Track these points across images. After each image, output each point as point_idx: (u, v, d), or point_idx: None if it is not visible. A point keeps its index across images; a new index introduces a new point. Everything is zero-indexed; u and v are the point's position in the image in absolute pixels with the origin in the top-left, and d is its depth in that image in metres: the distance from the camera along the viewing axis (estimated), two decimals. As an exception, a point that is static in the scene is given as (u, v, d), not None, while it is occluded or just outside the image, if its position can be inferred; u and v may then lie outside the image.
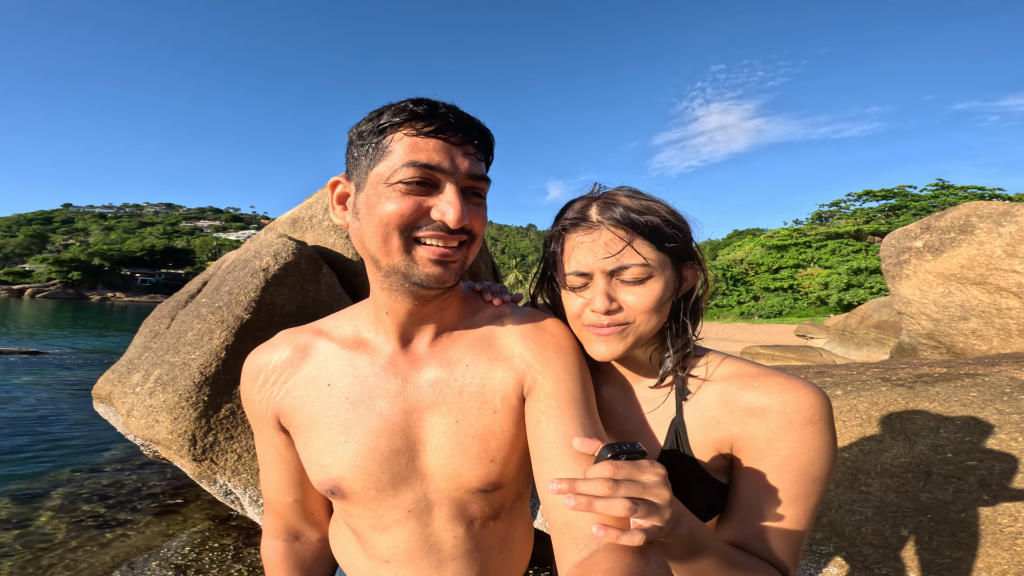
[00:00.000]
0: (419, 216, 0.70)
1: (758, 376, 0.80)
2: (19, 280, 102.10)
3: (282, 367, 0.84)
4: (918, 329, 4.19)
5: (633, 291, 0.79)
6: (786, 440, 0.74)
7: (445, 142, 0.70)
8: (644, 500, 0.57)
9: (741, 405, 0.79)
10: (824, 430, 0.75)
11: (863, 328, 12.03)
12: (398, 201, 0.69)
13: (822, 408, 0.75)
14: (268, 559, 0.96)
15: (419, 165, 0.69)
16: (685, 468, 0.83)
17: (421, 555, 0.80)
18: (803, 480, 0.74)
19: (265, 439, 0.88)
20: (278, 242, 2.80)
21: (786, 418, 0.74)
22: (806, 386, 0.76)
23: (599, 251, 0.79)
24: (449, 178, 0.71)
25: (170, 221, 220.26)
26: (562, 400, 0.76)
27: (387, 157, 0.70)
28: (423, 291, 0.74)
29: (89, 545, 3.09)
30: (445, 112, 0.70)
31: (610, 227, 0.78)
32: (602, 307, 0.79)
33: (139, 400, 2.52)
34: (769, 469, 0.76)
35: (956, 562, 1.55)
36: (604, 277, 0.80)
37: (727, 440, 0.80)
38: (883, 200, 60.70)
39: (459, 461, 0.77)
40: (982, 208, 3.93)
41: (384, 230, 0.70)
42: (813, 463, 0.74)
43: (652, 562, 0.58)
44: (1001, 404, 1.90)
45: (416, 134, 0.69)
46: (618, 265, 0.78)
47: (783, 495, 0.75)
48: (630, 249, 0.78)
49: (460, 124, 0.71)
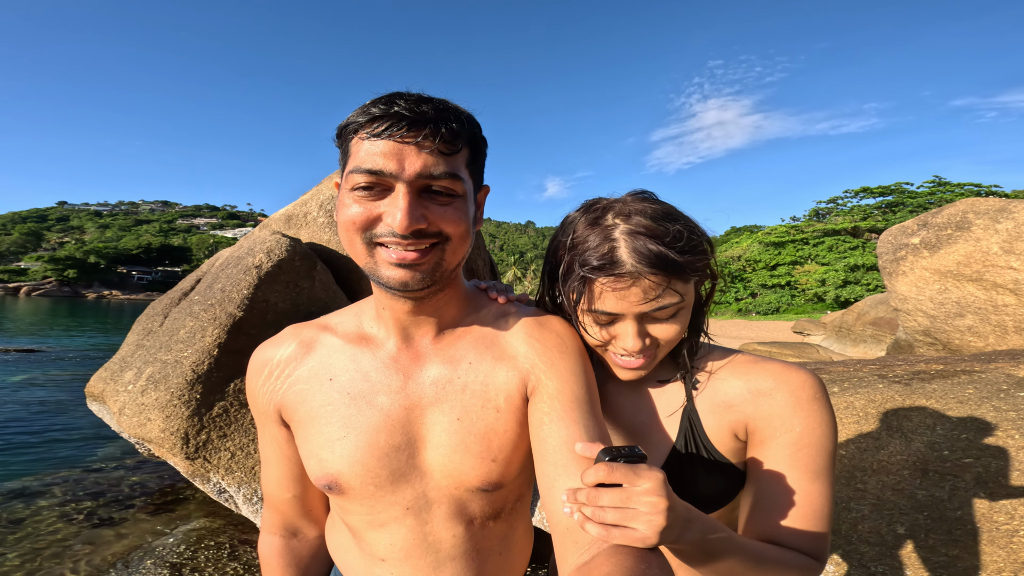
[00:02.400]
0: (372, 222, 0.69)
1: (759, 362, 0.84)
2: (15, 278, 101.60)
3: (286, 361, 0.84)
4: (914, 326, 4.19)
5: (664, 327, 0.79)
6: (798, 415, 0.77)
7: (398, 142, 0.67)
8: (630, 508, 0.56)
9: (749, 388, 0.81)
10: (827, 406, 0.79)
11: (860, 325, 12.07)
12: (352, 207, 0.69)
13: (820, 386, 0.80)
14: (264, 555, 0.95)
15: (364, 171, 0.67)
16: (702, 454, 0.85)
17: (419, 554, 0.79)
18: (822, 454, 0.76)
19: (267, 434, 0.88)
20: (271, 239, 2.77)
21: (794, 395, 0.77)
22: (801, 368, 0.81)
23: (633, 298, 0.75)
24: (397, 181, 0.67)
25: (166, 219, 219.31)
26: (566, 402, 0.75)
27: (349, 161, 0.70)
28: (396, 293, 0.73)
29: (84, 543, 3.07)
30: (398, 111, 0.66)
31: (648, 274, 0.73)
32: (636, 347, 0.79)
33: (131, 398, 2.50)
34: (787, 446, 0.77)
35: (952, 559, 1.54)
36: (635, 320, 0.78)
37: (741, 423, 0.82)
38: (880, 197, 60.84)
39: (460, 459, 0.77)
40: (979, 205, 3.93)
41: (347, 234, 0.71)
42: (827, 436, 0.77)
43: (653, 565, 0.57)
44: (998, 401, 1.89)
45: (367, 137, 0.68)
46: (653, 308, 0.76)
47: (807, 471, 0.76)
48: (669, 291, 0.75)
49: (415, 120, 0.66)
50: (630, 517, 0.56)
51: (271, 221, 3.42)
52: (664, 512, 0.56)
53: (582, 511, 0.59)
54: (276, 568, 0.94)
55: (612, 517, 0.57)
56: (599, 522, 0.57)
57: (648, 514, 0.56)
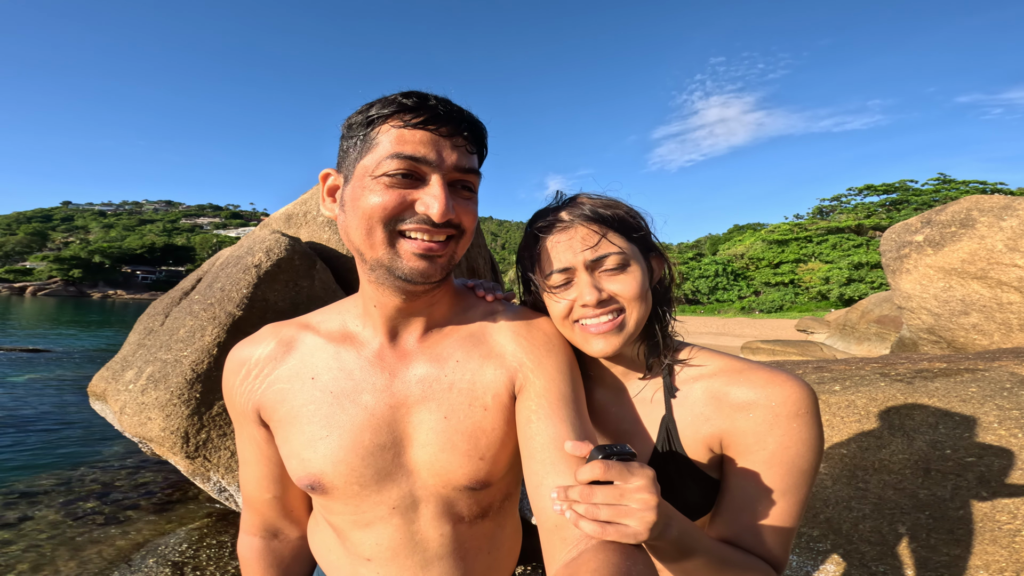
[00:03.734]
0: (403, 209, 0.69)
1: (743, 371, 0.81)
2: (20, 278, 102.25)
3: (265, 360, 0.83)
4: (919, 324, 4.16)
5: (617, 279, 0.81)
6: (773, 434, 0.75)
7: (433, 134, 0.69)
8: (624, 505, 0.58)
9: (728, 401, 0.79)
10: (810, 423, 0.76)
11: (864, 323, 12.01)
12: (382, 194, 0.69)
13: (807, 401, 0.76)
14: (244, 556, 0.94)
15: (404, 157, 0.68)
16: (678, 466, 0.84)
17: (405, 553, 0.79)
18: (792, 473, 0.75)
19: (245, 434, 0.87)
20: (271, 238, 2.78)
21: (772, 412, 0.75)
22: (790, 379, 0.77)
23: (577, 245, 0.81)
24: (435, 171, 0.70)
25: (170, 218, 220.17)
26: (553, 400, 0.75)
27: (373, 149, 0.69)
28: (408, 285, 0.73)
29: (87, 541, 3.09)
30: (435, 104, 0.70)
31: (583, 223, 0.82)
32: (592, 299, 0.80)
33: (132, 397, 2.50)
34: (758, 463, 0.77)
35: (954, 559, 1.53)
36: (586, 271, 0.81)
37: (716, 436, 0.81)
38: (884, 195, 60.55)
39: (447, 458, 0.76)
40: (983, 202, 3.90)
41: (368, 223, 0.70)
42: (801, 456, 0.75)
43: (639, 562, 0.58)
44: (1001, 400, 1.87)
45: (403, 126, 0.69)
46: (597, 255, 0.80)
47: (773, 489, 0.76)
48: (606, 240, 0.81)
49: (449, 116, 0.70)
50: (623, 514, 0.58)
51: (271, 220, 3.43)
52: (655, 508, 0.58)
53: (574, 508, 0.60)
54: (257, 569, 0.93)
55: (606, 514, 0.58)
56: (592, 519, 0.58)
57: (640, 510, 0.58)
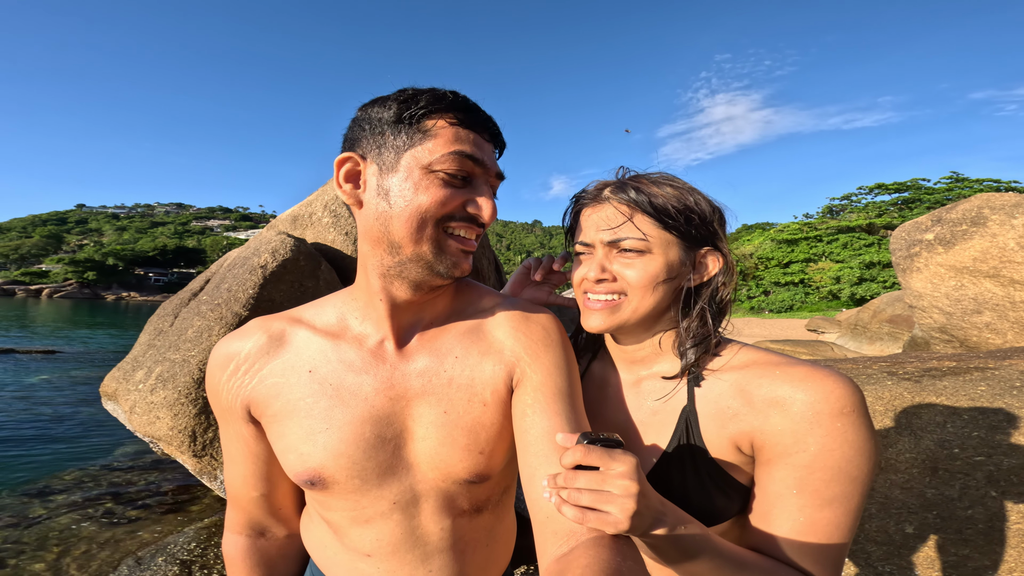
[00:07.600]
0: (458, 207, 0.72)
1: (780, 364, 0.74)
2: (36, 280, 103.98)
3: (255, 355, 0.80)
4: (930, 323, 4.11)
5: (629, 264, 0.80)
6: (814, 434, 0.67)
7: (480, 136, 0.72)
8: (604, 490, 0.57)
9: (761, 395, 0.72)
10: (858, 423, 0.67)
11: (876, 322, 11.86)
12: (440, 190, 0.69)
13: (853, 398, 0.68)
14: (229, 555, 0.91)
15: (465, 156, 0.69)
16: (695, 462, 0.77)
17: (406, 548, 0.78)
18: (839, 480, 0.67)
19: (231, 431, 0.84)
20: (276, 239, 2.80)
21: (813, 409, 0.67)
22: (833, 374, 0.70)
23: (601, 223, 0.82)
24: (485, 174, 0.73)
25: (181, 221, 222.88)
26: (548, 394, 0.76)
27: (427, 142, 0.69)
28: (439, 280, 0.75)
29: (98, 540, 3.14)
30: (477, 108, 0.72)
31: (615, 203, 0.81)
32: (593, 275, 0.81)
33: (141, 397, 2.54)
34: (798, 467, 0.68)
35: (962, 559, 1.51)
36: (604, 248, 0.82)
37: (746, 434, 0.73)
38: (896, 193, 59.76)
39: (447, 452, 0.76)
40: (994, 200, 3.84)
41: (420, 218, 0.70)
42: (848, 460, 0.66)
43: (629, 559, 0.58)
44: (1011, 398, 1.84)
45: (458, 124, 0.70)
46: (614, 237, 0.80)
47: (816, 497, 0.67)
48: (630, 223, 0.79)
49: (487, 121, 0.73)
50: (603, 500, 0.57)
51: (278, 222, 3.46)
52: (635, 496, 0.56)
53: (559, 494, 0.60)
54: (242, 568, 0.90)
55: (587, 500, 0.57)
56: (574, 504, 0.58)
57: (620, 497, 0.56)
